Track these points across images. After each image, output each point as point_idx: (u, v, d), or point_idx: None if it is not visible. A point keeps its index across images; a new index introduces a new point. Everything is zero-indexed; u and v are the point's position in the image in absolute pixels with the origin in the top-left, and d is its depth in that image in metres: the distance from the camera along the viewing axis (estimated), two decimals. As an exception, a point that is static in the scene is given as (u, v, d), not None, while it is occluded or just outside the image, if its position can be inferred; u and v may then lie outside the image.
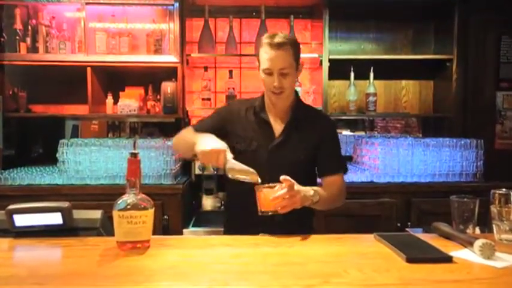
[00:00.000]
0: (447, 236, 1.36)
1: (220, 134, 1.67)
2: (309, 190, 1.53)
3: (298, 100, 1.78)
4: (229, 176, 1.47)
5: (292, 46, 1.64)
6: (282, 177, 1.42)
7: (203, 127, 1.73)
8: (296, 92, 1.78)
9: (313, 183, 1.73)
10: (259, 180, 1.45)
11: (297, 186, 1.45)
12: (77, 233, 1.36)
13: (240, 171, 1.46)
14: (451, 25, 2.94)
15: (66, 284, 1.01)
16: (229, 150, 1.48)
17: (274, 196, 1.41)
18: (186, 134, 1.73)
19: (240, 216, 1.71)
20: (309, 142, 1.71)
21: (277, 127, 1.72)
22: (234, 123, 1.74)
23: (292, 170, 1.48)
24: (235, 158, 1.49)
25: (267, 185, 1.45)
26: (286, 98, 1.70)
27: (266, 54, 1.62)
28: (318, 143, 1.72)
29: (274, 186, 1.44)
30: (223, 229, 1.87)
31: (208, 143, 1.48)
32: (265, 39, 1.64)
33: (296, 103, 1.75)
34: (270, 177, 1.47)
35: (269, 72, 1.63)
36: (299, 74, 1.73)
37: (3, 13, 2.82)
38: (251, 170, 1.46)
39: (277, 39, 1.60)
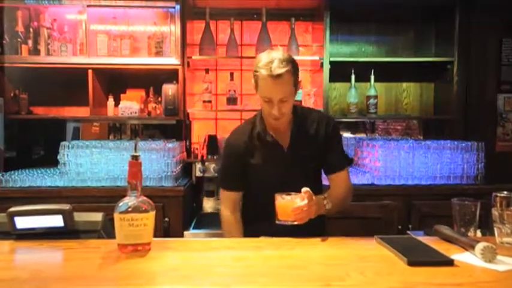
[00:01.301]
0: (448, 239, 1.35)
1: (245, 172, 1.73)
2: (322, 198, 1.55)
3: (297, 110, 1.75)
4: None
5: (292, 73, 1.57)
6: (303, 189, 1.44)
7: (235, 183, 1.76)
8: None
9: (320, 183, 1.75)
10: None
11: (314, 197, 1.47)
12: (78, 235, 1.36)
13: None
14: (452, 28, 2.94)
15: (67, 287, 1.01)
16: None
17: (295, 207, 1.43)
18: (229, 228, 1.76)
19: (255, 220, 1.72)
20: (314, 146, 1.71)
21: (284, 141, 1.72)
22: (246, 157, 1.72)
23: (305, 178, 1.51)
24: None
25: (285, 194, 1.47)
26: (286, 119, 1.68)
27: (264, 83, 1.56)
28: (321, 143, 1.72)
29: (292, 196, 1.46)
30: None
31: None
32: (263, 68, 1.55)
33: (295, 114, 1.73)
34: (284, 190, 1.50)
35: (268, 101, 1.60)
36: (297, 90, 1.70)
37: (5, 15, 2.83)
38: None
39: (277, 71, 1.52)
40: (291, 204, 1.45)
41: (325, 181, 1.80)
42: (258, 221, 1.67)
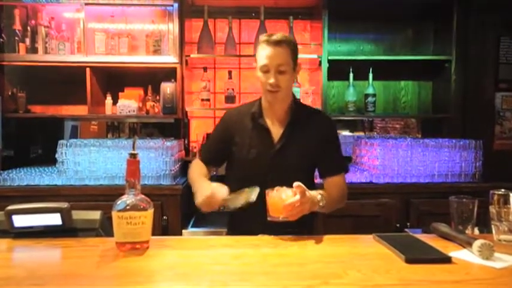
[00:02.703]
0: (446, 237, 1.36)
1: (226, 148, 1.74)
2: (317, 195, 1.52)
3: (296, 102, 1.77)
4: (232, 208, 1.49)
5: (290, 45, 1.65)
6: (295, 184, 1.40)
7: (207, 154, 1.83)
8: (293, 94, 1.76)
9: (312, 184, 1.73)
10: (254, 199, 1.45)
11: (307, 193, 1.43)
12: (76, 233, 1.36)
13: (235, 201, 1.47)
14: (450, 26, 2.95)
15: (65, 285, 1.01)
16: (222, 187, 1.49)
17: (287, 204, 1.39)
18: (192, 175, 1.75)
19: (244, 216, 1.70)
20: (309, 145, 1.70)
21: (276, 132, 1.71)
22: (233, 133, 1.74)
23: (293, 174, 1.47)
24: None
25: (276, 189, 1.44)
26: (283, 98, 1.68)
27: (263, 51, 1.63)
28: (318, 144, 1.70)
29: (284, 190, 1.43)
30: (227, 229, 1.88)
31: (201, 193, 1.52)
32: (262, 37, 1.66)
33: (294, 106, 1.74)
34: (271, 183, 1.47)
35: (266, 70, 1.63)
36: (297, 74, 1.73)
37: (3, 14, 2.82)
38: (244, 192, 1.47)
39: (275, 37, 1.62)
40: (282, 201, 1.40)
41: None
42: (244, 215, 1.60)
